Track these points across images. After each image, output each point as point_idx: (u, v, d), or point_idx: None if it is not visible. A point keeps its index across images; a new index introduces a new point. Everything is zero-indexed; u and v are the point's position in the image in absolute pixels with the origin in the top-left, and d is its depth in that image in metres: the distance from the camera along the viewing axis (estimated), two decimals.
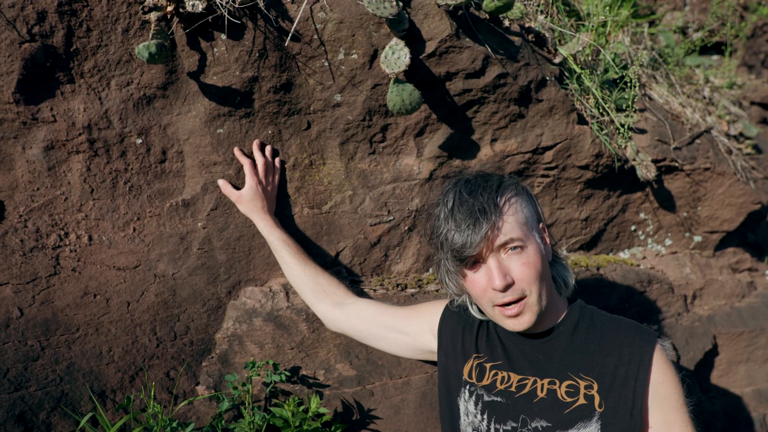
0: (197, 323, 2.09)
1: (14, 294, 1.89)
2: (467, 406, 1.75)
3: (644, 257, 2.85)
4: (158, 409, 1.88)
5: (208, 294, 2.09)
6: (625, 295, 2.63)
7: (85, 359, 1.96)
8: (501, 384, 1.72)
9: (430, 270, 2.36)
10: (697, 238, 2.91)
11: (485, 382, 1.74)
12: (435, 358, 1.93)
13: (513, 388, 1.70)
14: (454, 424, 1.79)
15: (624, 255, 2.81)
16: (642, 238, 2.83)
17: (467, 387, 1.76)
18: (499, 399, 1.71)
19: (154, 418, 1.88)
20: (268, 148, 2.06)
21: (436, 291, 2.27)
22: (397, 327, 1.95)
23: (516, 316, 1.65)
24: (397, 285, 2.27)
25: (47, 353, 1.92)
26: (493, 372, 1.75)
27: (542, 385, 1.68)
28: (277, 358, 2.10)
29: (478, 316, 1.82)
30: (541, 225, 1.73)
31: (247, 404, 1.99)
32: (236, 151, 2.02)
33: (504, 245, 1.62)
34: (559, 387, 1.66)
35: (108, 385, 1.98)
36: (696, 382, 2.80)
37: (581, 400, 1.63)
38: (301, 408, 2.00)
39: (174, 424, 1.86)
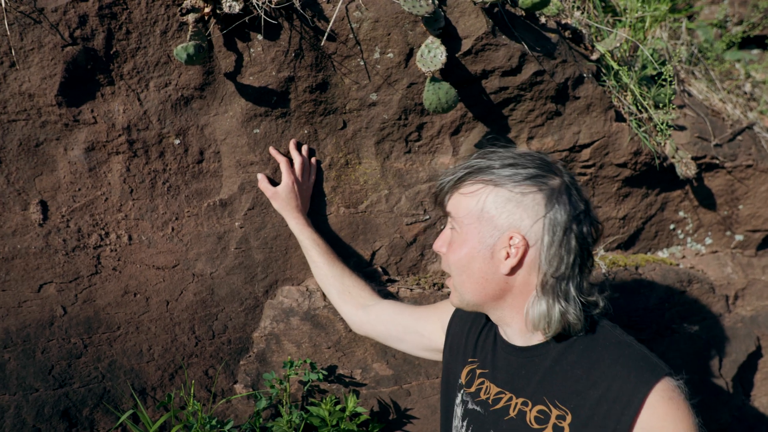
0: (235, 322, 2.11)
1: (58, 293, 1.92)
2: (457, 410, 1.67)
3: (683, 256, 2.79)
4: (197, 407, 1.90)
5: (246, 293, 2.11)
6: (664, 295, 2.58)
7: (126, 357, 1.99)
8: (483, 394, 1.59)
9: None
10: (739, 237, 2.85)
11: (472, 389, 1.63)
12: None
13: (490, 401, 1.56)
14: (448, 424, 1.72)
15: (663, 254, 2.76)
16: (681, 237, 2.78)
17: (460, 391, 1.67)
18: (478, 408, 1.59)
19: (194, 415, 1.90)
20: (304, 148, 2.07)
21: None
22: (413, 327, 1.90)
23: (449, 286, 1.60)
24: (434, 284, 2.26)
25: (89, 351, 1.95)
26: (480, 380, 1.62)
27: (516, 404, 1.50)
28: (314, 357, 2.11)
29: None
30: (510, 234, 1.45)
31: (284, 403, 2.00)
32: (272, 150, 2.04)
33: (446, 215, 1.55)
34: (530, 410, 1.47)
35: (148, 382, 2.01)
36: (739, 385, 2.74)
37: (548, 431, 1.42)
38: (338, 407, 2.00)
39: (213, 422, 1.88)
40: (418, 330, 1.89)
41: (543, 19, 2.19)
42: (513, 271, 1.47)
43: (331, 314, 2.12)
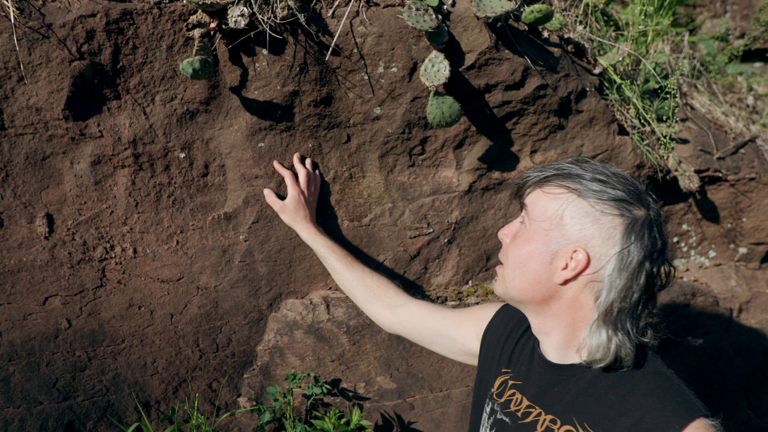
0: (239, 335, 2.11)
1: (63, 305, 1.93)
2: (485, 418, 1.67)
3: (687, 269, 2.79)
4: (201, 421, 1.90)
5: (250, 306, 2.12)
6: (668, 308, 2.57)
7: (130, 370, 1.99)
8: (513, 405, 1.58)
9: (470, 282, 2.35)
10: (743, 250, 2.85)
11: (503, 399, 1.62)
12: None
13: (519, 413, 1.55)
14: (475, 430, 1.72)
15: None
16: (685, 249, 2.78)
17: (490, 399, 1.68)
18: (506, 419, 1.58)
19: (198, 429, 1.90)
20: (308, 161, 2.08)
21: (477, 304, 2.26)
22: (445, 332, 1.87)
23: (497, 275, 1.58)
24: (437, 298, 2.26)
25: (94, 364, 1.96)
26: (512, 391, 1.61)
27: (544, 420, 1.48)
28: (317, 371, 2.11)
29: None
30: (574, 248, 1.43)
31: (288, 416, 2.00)
32: (276, 164, 2.05)
33: (522, 207, 1.52)
34: (558, 428, 1.45)
35: (152, 395, 2.01)
36: (744, 399, 2.73)
37: None
38: (342, 421, 2.00)
39: None
40: (451, 335, 1.86)
41: (546, 34, 2.21)
42: (566, 282, 1.45)
43: (335, 327, 2.12)
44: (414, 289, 2.29)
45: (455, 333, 1.86)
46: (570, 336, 1.49)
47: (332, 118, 2.06)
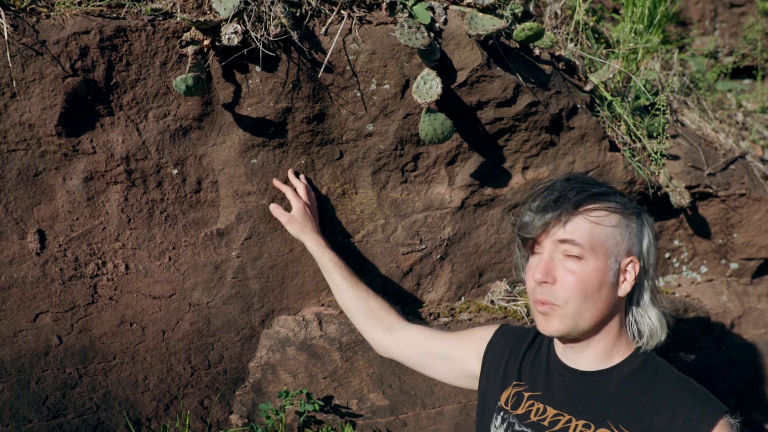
0: (231, 352, 2.10)
1: (54, 322, 1.92)
2: None
3: (679, 285, 2.80)
4: None
5: (242, 323, 2.11)
6: None
7: (121, 387, 1.98)
8: (535, 416, 1.62)
9: (462, 299, 2.35)
10: (734, 266, 2.86)
11: (519, 411, 1.65)
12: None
13: (546, 422, 1.59)
14: None
15: (659, 283, 2.77)
16: (677, 265, 2.79)
17: (500, 413, 1.69)
18: (529, 431, 1.62)
19: None
20: (302, 176, 2.09)
21: (469, 320, 2.26)
22: (444, 354, 1.88)
23: (545, 315, 1.56)
24: (430, 314, 2.26)
25: (84, 381, 1.94)
26: (530, 402, 1.65)
27: (576, 425, 1.55)
28: (310, 387, 2.10)
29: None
30: (630, 259, 1.55)
31: None
32: (275, 182, 2.05)
33: (563, 242, 1.52)
34: None
35: (143, 413, 2.00)
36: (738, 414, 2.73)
37: None
38: None
39: None
40: (450, 356, 1.87)
41: (537, 51, 2.23)
42: (625, 293, 1.57)
43: (327, 344, 2.12)
44: (408, 304, 2.29)
45: (454, 354, 1.87)
46: (612, 342, 1.59)
47: (325, 134, 2.06)
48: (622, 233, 1.54)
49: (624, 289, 1.55)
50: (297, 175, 2.08)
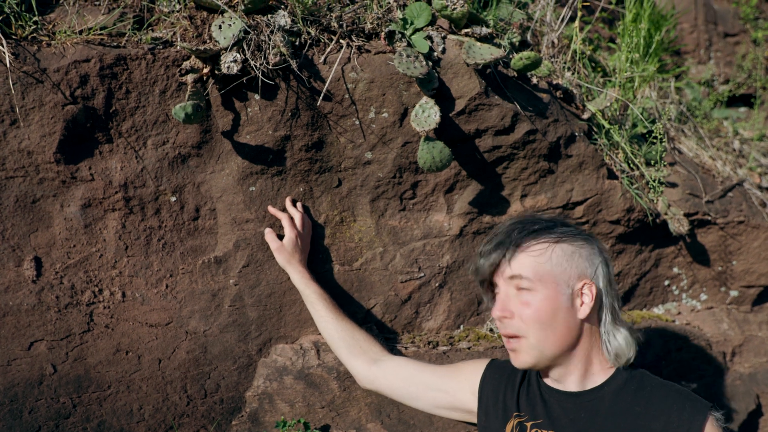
0: (228, 381, 2.08)
1: (48, 350, 1.90)
2: None
3: (679, 312, 2.79)
4: None
5: (239, 351, 2.09)
6: (660, 352, 2.56)
7: (116, 417, 1.95)
8: None
9: (461, 327, 2.34)
10: (734, 293, 2.85)
11: None
12: (473, 418, 1.88)
13: None
14: None
15: (658, 311, 2.75)
16: (676, 293, 2.78)
17: None
18: None
19: None
20: (299, 205, 2.08)
21: (468, 349, 2.24)
22: (436, 385, 1.90)
23: (513, 351, 1.69)
24: (429, 342, 2.24)
25: (79, 411, 1.92)
26: (534, 430, 1.70)
27: None
28: (307, 417, 2.08)
29: None
30: (583, 282, 1.67)
31: None
32: (270, 209, 2.05)
33: (512, 278, 1.67)
34: None
35: None
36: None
37: None
38: None
39: None
40: (442, 387, 1.90)
41: (535, 80, 2.24)
42: (587, 315, 1.68)
43: (325, 373, 2.10)
44: (406, 332, 2.27)
45: (446, 386, 1.90)
46: (588, 364, 1.70)
47: (323, 162, 2.07)
48: (568, 260, 1.67)
49: (584, 311, 1.67)
50: (294, 203, 2.08)
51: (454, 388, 1.89)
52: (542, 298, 1.64)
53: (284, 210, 2.06)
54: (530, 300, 1.64)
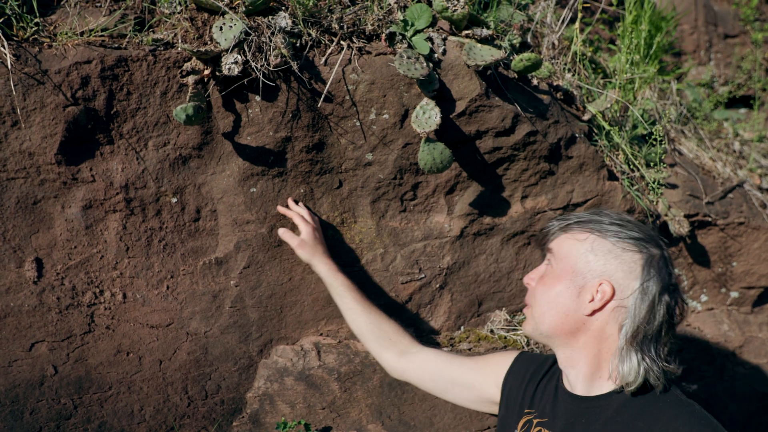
0: (228, 382, 2.08)
1: (49, 351, 1.90)
2: None
3: None
4: None
5: (240, 352, 2.09)
6: None
7: (117, 418, 1.96)
8: None
9: (462, 328, 2.34)
10: (734, 294, 2.85)
11: None
12: (497, 411, 1.88)
13: None
14: None
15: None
16: None
17: None
18: None
19: None
20: (300, 203, 2.08)
21: (469, 350, 2.24)
22: (462, 380, 1.90)
23: (524, 317, 1.73)
24: (429, 344, 2.24)
25: (80, 412, 1.92)
26: (538, 429, 1.68)
27: None
28: (308, 418, 2.08)
29: None
30: (600, 282, 1.58)
31: None
32: (279, 208, 2.05)
33: (549, 251, 1.69)
34: None
35: None
36: None
37: None
38: None
39: None
40: (468, 382, 1.90)
41: (535, 81, 2.25)
42: (593, 313, 1.60)
43: (326, 374, 2.10)
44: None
45: (473, 380, 1.90)
46: (596, 367, 1.62)
47: (324, 163, 2.07)
48: (596, 255, 1.60)
49: (588, 308, 1.59)
50: (296, 202, 2.08)
51: (480, 381, 1.89)
52: (554, 277, 1.64)
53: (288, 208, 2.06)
54: (546, 276, 1.67)
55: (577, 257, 1.62)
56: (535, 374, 1.79)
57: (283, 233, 2.03)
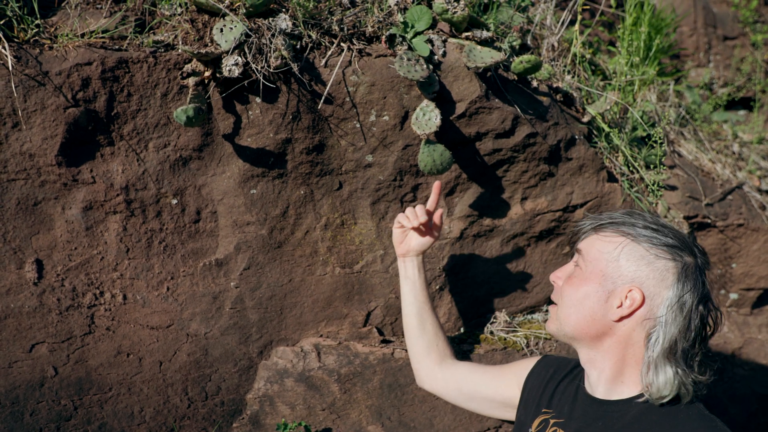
0: (228, 383, 2.08)
1: (50, 353, 1.90)
2: None
3: None
4: None
5: (240, 354, 2.09)
6: None
7: (117, 419, 1.96)
8: None
9: (462, 329, 2.34)
10: (734, 296, 2.85)
11: None
12: None
13: None
14: None
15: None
16: None
17: None
18: None
19: None
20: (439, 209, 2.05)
21: (469, 351, 2.24)
22: (483, 394, 1.91)
23: (550, 316, 1.69)
24: None
25: (80, 413, 1.92)
26: (553, 429, 1.67)
27: None
28: (308, 420, 2.08)
29: None
30: (629, 288, 1.53)
31: None
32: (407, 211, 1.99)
33: (578, 252, 1.65)
34: None
35: None
36: None
37: None
38: None
39: None
40: (489, 395, 1.90)
41: (535, 83, 2.25)
42: (621, 319, 1.55)
43: (326, 375, 2.10)
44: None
45: (493, 392, 1.90)
46: (618, 372, 1.58)
47: (324, 165, 2.07)
48: (628, 260, 1.55)
49: (616, 314, 1.54)
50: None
51: (502, 388, 1.89)
52: (583, 279, 1.59)
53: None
54: (575, 277, 1.62)
55: (607, 261, 1.57)
56: (555, 374, 1.77)
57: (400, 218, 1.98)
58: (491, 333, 2.33)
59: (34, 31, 1.82)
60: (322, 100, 1.96)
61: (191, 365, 2.04)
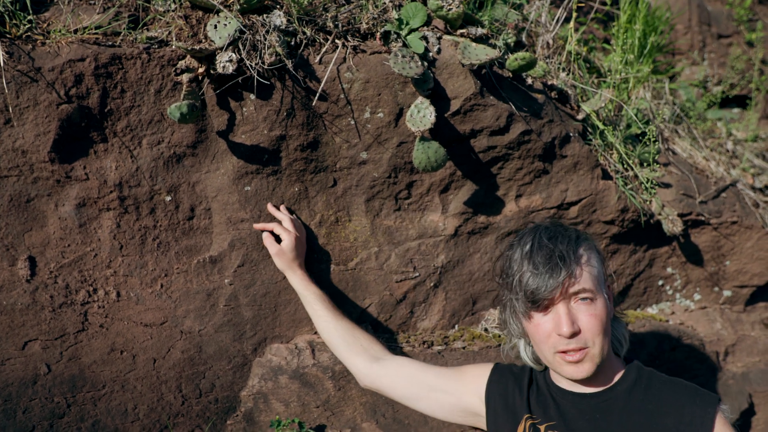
0: (223, 380, 2.08)
1: (43, 350, 1.90)
2: None
3: (673, 312, 2.80)
4: None
5: (234, 351, 2.09)
6: (654, 351, 2.57)
7: (111, 417, 1.95)
8: None
9: (456, 327, 2.34)
10: (727, 293, 2.86)
11: None
12: (476, 422, 1.87)
13: None
14: None
15: (652, 310, 2.77)
16: (670, 293, 2.79)
17: None
18: None
19: None
20: (282, 207, 2.07)
21: (463, 348, 2.25)
22: (440, 386, 1.88)
23: (577, 362, 1.65)
24: (423, 342, 2.25)
25: (73, 410, 1.91)
26: None
27: None
28: (302, 417, 2.08)
29: (529, 362, 1.82)
30: (608, 282, 1.76)
31: None
32: (270, 207, 2.04)
33: (576, 294, 1.65)
34: None
35: None
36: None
37: None
38: None
39: None
40: (445, 388, 1.88)
41: (530, 80, 2.25)
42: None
43: (320, 372, 2.10)
44: (402, 332, 2.28)
45: (451, 387, 1.89)
46: (610, 361, 1.74)
47: (319, 162, 2.07)
48: (597, 264, 1.73)
49: (611, 309, 1.74)
50: (290, 210, 2.08)
51: (460, 390, 1.88)
52: (602, 306, 1.68)
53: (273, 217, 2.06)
54: (594, 311, 1.66)
55: (597, 276, 1.70)
56: (518, 383, 1.83)
57: (266, 238, 2.03)
58: (485, 330, 2.34)
59: (27, 26, 1.81)
60: (316, 97, 1.96)
61: (185, 362, 2.03)
